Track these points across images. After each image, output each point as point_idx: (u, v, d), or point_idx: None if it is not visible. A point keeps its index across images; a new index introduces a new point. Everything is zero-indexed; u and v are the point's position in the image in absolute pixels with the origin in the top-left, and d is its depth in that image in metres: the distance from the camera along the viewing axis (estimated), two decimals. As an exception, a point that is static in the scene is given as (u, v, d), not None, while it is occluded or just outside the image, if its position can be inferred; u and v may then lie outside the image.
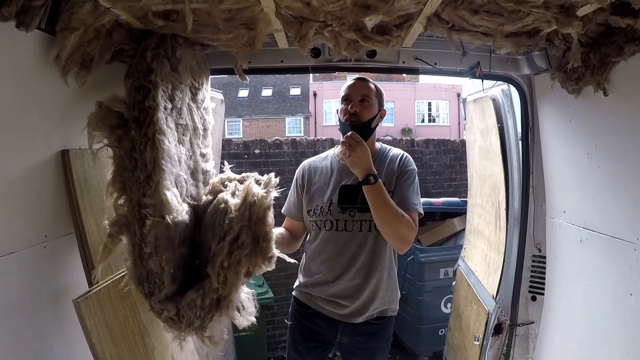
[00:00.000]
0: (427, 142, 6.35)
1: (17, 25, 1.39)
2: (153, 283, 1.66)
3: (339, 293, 2.20)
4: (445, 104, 32.54)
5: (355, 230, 2.17)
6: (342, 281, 2.19)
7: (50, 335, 1.68)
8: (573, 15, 1.63)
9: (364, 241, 2.18)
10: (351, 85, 2.26)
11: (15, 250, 1.50)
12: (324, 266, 2.21)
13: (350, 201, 2.17)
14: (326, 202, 2.21)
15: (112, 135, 1.68)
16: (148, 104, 1.68)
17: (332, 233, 2.19)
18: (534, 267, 2.86)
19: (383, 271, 2.21)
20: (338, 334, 2.26)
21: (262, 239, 1.72)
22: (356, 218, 2.16)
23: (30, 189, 1.59)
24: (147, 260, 1.63)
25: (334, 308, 2.22)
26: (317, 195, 2.25)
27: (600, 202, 2.15)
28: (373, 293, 2.20)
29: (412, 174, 2.26)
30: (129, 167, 1.67)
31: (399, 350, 5.29)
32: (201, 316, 1.67)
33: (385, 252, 2.21)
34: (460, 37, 1.97)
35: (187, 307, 1.65)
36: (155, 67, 1.74)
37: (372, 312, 2.22)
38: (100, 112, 1.66)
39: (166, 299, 1.66)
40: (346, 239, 2.18)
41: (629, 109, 1.90)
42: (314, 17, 1.76)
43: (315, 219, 2.22)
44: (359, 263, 2.18)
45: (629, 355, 1.94)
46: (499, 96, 2.97)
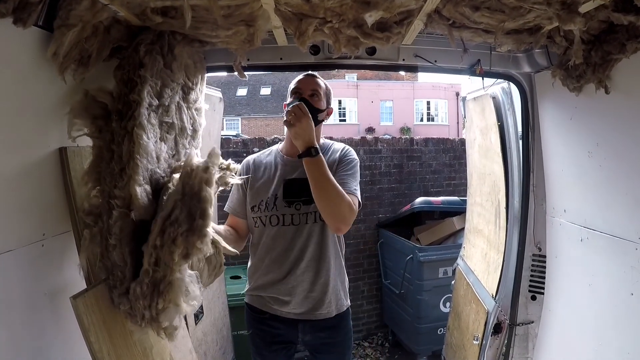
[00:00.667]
0: (426, 141, 6.35)
1: (14, 21, 1.37)
2: (116, 276, 1.64)
3: (291, 290, 2.19)
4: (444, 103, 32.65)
5: (302, 223, 2.16)
6: (293, 276, 2.18)
7: (48, 334, 1.67)
8: (575, 12, 1.62)
9: (310, 233, 2.17)
10: (301, 79, 2.28)
11: (12, 248, 1.48)
12: (274, 264, 2.20)
13: (295, 195, 2.17)
14: (271, 197, 2.20)
15: (93, 125, 1.68)
16: (132, 98, 1.67)
17: (280, 228, 2.18)
18: (534, 266, 2.85)
19: (331, 261, 2.21)
20: (299, 332, 2.25)
21: (199, 216, 1.62)
22: (302, 211, 2.16)
23: (28, 187, 1.58)
24: (111, 252, 1.61)
25: (286, 307, 2.21)
26: (261, 191, 2.23)
27: (601, 201, 2.14)
28: (325, 285, 2.20)
29: (351, 162, 2.24)
30: (106, 158, 1.66)
31: (397, 349, 5.30)
32: (147, 306, 1.59)
33: (331, 241, 2.21)
34: (461, 34, 1.96)
35: (133, 297, 1.60)
36: (146, 62, 1.73)
37: (328, 308, 2.22)
38: (85, 100, 1.65)
39: (125, 293, 1.63)
40: (293, 232, 2.17)
41: (630, 107, 1.89)
42: (314, 13, 1.74)
43: (260, 214, 2.21)
44: (308, 255, 2.17)
45: (629, 356, 1.93)
46: (499, 94, 2.97)
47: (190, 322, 2.88)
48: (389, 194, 5.89)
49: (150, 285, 1.59)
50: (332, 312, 2.24)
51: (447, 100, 32.43)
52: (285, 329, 2.26)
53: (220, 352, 3.59)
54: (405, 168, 6.05)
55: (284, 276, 2.19)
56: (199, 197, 1.64)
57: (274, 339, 2.28)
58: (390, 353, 5.32)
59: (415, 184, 6.12)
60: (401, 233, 5.20)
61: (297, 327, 2.24)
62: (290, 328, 2.25)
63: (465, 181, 4.19)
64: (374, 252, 5.62)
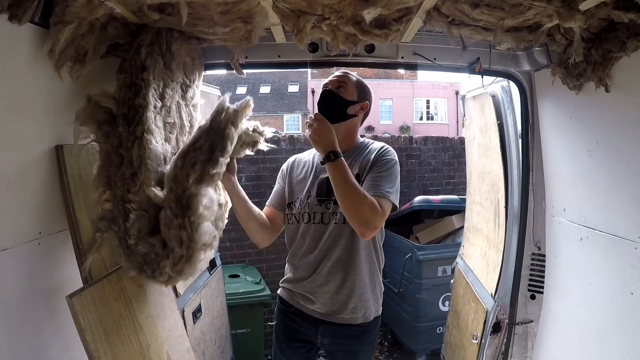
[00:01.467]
0: (426, 139, 6.34)
1: (9, 18, 1.37)
2: (151, 262, 1.71)
3: (315, 289, 2.16)
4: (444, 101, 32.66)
5: (331, 222, 2.12)
6: (318, 275, 2.15)
7: (45, 333, 1.66)
8: (575, 9, 1.62)
9: (339, 234, 2.12)
10: (331, 77, 2.23)
11: (9, 246, 1.47)
12: (303, 260, 2.19)
13: (327, 194, 2.13)
14: (305, 195, 2.19)
15: (100, 131, 1.69)
16: (138, 103, 1.69)
17: (310, 226, 2.16)
18: (533, 265, 2.84)
19: (360, 265, 2.14)
20: (319, 334, 2.21)
21: (218, 149, 1.76)
22: (332, 210, 2.12)
23: (24, 185, 1.57)
24: (135, 248, 1.69)
25: (311, 305, 2.18)
26: (297, 189, 2.24)
27: (601, 200, 2.14)
28: (351, 289, 2.13)
29: (388, 162, 2.15)
30: (115, 162, 1.70)
31: (396, 348, 5.29)
32: (181, 225, 1.69)
33: (363, 245, 2.13)
34: (460, 32, 1.95)
35: (165, 227, 1.70)
36: (148, 65, 1.74)
37: (352, 313, 2.15)
38: (89, 106, 1.66)
39: (166, 257, 1.72)
40: (322, 231, 2.14)
41: (630, 106, 1.88)
42: (312, 10, 1.74)
43: (295, 212, 2.21)
44: (334, 256, 2.12)
45: (629, 355, 1.93)
46: (499, 93, 2.96)
47: (189, 321, 2.87)
48: (388, 192, 5.87)
49: (175, 202, 1.69)
50: (356, 319, 2.17)
51: (446, 98, 32.44)
52: (307, 327, 2.22)
53: (218, 351, 3.58)
54: (404, 167, 6.04)
55: (310, 274, 2.16)
56: (223, 134, 1.79)
57: (294, 335, 2.26)
58: (389, 352, 5.32)
59: (414, 182, 6.12)
60: (400, 232, 5.19)
61: (318, 327, 2.20)
62: (310, 327, 2.21)
63: (464, 180, 4.18)
64: (373, 251, 5.59)
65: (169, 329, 2.22)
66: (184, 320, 2.72)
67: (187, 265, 1.72)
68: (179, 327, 2.40)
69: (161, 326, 2.09)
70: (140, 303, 1.92)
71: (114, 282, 1.77)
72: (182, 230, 1.68)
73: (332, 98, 2.14)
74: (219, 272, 3.85)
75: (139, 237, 1.68)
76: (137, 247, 1.69)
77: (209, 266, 3.58)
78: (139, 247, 1.69)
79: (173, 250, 1.69)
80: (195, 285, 3.17)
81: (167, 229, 1.69)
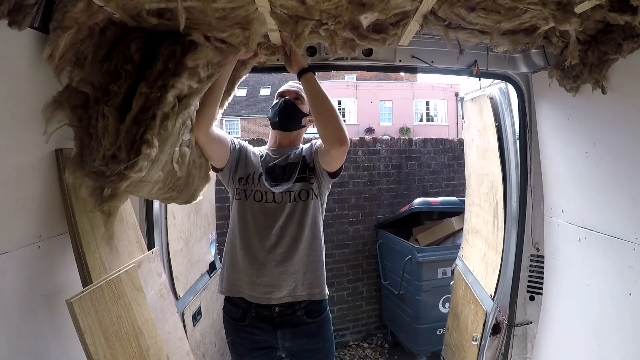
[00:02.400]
0: (425, 141, 6.34)
1: (9, 23, 1.37)
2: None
3: (271, 270, 2.21)
4: (444, 103, 32.66)
5: (284, 202, 2.23)
6: (273, 254, 2.21)
7: (45, 336, 1.66)
8: (571, 12, 1.62)
9: (290, 212, 2.24)
10: (286, 87, 2.47)
11: (9, 250, 1.48)
12: (255, 239, 2.23)
13: (275, 178, 2.28)
14: (256, 174, 2.28)
15: (74, 115, 1.67)
16: (113, 89, 1.68)
17: (262, 205, 2.24)
18: (532, 266, 2.85)
19: (306, 241, 2.25)
20: (278, 338, 2.25)
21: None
22: (283, 190, 2.23)
23: (24, 189, 1.58)
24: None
25: (264, 293, 2.21)
26: (249, 168, 2.31)
27: (599, 201, 2.15)
28: (300, 262, 2.23)
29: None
30: (87, 143, 1.67)
31: (396, 350, 5.29)
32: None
33: (308, 221, 2.25)
34: (457, 35, 1.96)
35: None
36: (136, 59, 1.73)
37: (302, 290, 2.23)
38: (67, 91, 1.65)
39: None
40: (274, 211, 2.23)
41: (627, 107, 1.89)
42: (309, 15, 1.74)
43: (246, 187, 2.26)
44: (287, 233, 2.22)
45: (627, 356, 1.93)
46: (497, 95, 2.97)
47: (188, 324, 2.88)
48: (387, 194, 5.88)
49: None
50: (307, 305, 2.26)
51: (446, 100, 32.44)
52: (263, 335, 2.26)
53: (218, 354, 3.58)
54: (404, 168, 6.05)
55: (267, 251, 2.22)
56: None
57: (254, 345, 2.29)
58: (389, 354, 5.32)
59: (414, 184, 6.12)
60: (400, 233, 5.19)
61: (276, 333, 2.24)
62: (268, 334, 2.25)
63: (464, 181, 4.19)
64: (373, 253, 5.61)
65: (169, 332, 2.23)
66: (184, 323, 2.73)
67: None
68: (179, 329, 2.40)
69: (161, 329, 2.09)
70: (139, 306, 1.93)
71: (114, 285, 1.78)
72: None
73: (292, 108, 2.36)
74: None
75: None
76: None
77: (209, 269, 3.59)
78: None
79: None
80: (195, 288, 3.18)
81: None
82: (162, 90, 1.69)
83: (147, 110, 1.68)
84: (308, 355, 2.31)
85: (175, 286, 2.75)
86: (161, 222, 2.66)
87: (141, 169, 1.65)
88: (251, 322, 2.24)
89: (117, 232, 2.00)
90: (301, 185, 2.26)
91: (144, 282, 2.02)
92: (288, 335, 2.24)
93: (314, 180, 2.28)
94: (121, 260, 1.97)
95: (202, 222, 3.56)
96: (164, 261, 2.65)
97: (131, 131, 1.65)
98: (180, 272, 2.88)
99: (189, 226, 3.16)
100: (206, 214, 3.70)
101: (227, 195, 2.33)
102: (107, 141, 1.63)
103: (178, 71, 1.72)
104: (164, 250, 2.68)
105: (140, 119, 1.67)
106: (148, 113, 1.67)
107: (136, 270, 1.98)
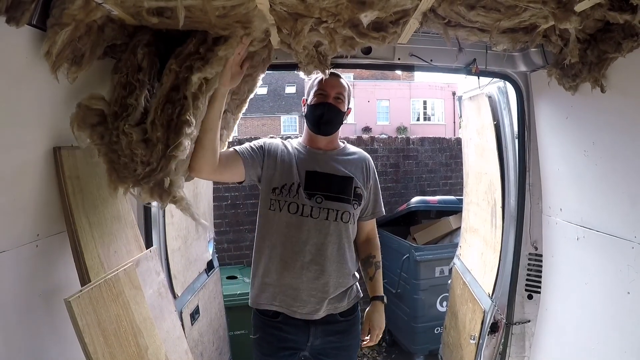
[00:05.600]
0: (423, 140, 6.36)
1: (7, 20, 1.36)
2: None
3: (302, 285, 2.16)
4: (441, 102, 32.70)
5: (322, 218, 2.16)
6: (304, 271, 2.16)
7: (43, 335, 1.66)
8: (571, 11, 1.62)
9: (327, 230, 2.17)
10: (327, 81, 2.23)
11: (6, 249, 1.47)
12: (289, 252, 2.17)
13: (316, 187, 2.18)
14: (295, 184, 2.18)
15: (94, 134, 1.69)
16: (129, 102, 1.70)
17: (297, 218, 2.16)
18: (530, 265, 2.85)
19: (335, 256, 2.20)
20: (310, 336, 2.22)
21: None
22: (322, 205, 2.16)
23: (22, 187, 1.57)
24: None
25: (299, 307, 2.18)
26: (284, 175, 2.20)
27: (598, 199, 2.15)
28: (332, 285, 2.20)
29: (377, 179, 2.40)
30: (115, 159, 1.71)
31: (394, 349, 5.29)
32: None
33: (345, 244, 2.22)
34: (456, 33, 1.95)
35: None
36: (144, 66, 1.73)
37: (335, 304, 2.22)
38: (80, 112, 1.65)
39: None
40: (310, 225, 2.15)
41: (626, 106, 1.89)
42: (309, 13, 1.73)
43: (280, 198, 2.17)
44: (318, 248, 2.16)
45: (625, 354, 1.93)
46: (495, 93, 2.97)
47: (187, 323, 2.87)
48: (385, 193, 5.87)
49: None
50: (344, 312, 2.28)
51: (443, 99, 32.47)
52: (296, 333, 2.23)
53: (216, 352, 3.58)
54: (401, 167, 6.06)
55: (295, 270, 2.16)
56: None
57: (282, 344, 2.24)
58: (387, 352, 5.32)
59: (411, 183, 6.13)
60: (397, 232, 5.19)
61: (309, 331, 2.22)
62: (301, 332, 2.23)
63: (461, 180, 4.19)
64: (371, 252, 5.59)
65: (167, 331, 2.22)
66: (182, 321, 2.72)
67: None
68: (177, 328, 2.40)
69: (159, 328, 2.08)
70: (138, 305, 1.92)
71: (112, 284, 1.77)
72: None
73: (333, 111, 2.21)
74: (217, 274, 3.86)
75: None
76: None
77: (207, 268, 3.59)
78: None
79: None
80: (193, 286, 3.17)
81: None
82: (189, 72, 1.72)
83: (178, 89, 1.73)
84: (336, 353, 2.28)
85: (173, 285, 2.74)
86: (159, 221, 2.65)
87: (185, 148, 1.74)
88: (285, 318, 2.20)
89: (115, 231, 1.99)
90: (342, 206, 2.19)
91: (142, 281, 2.01)
92: (319, 333, 2.22)
93: (357, 207, 2.24)
94: (119, 259, 1.96)
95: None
96: (162, 260, 2.64)
97: (166, 110, 1.71)
98: (178, 270, 2.88)
99: (187, 225, 3.15)
100: (204, 213, 3.70)
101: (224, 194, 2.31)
102: (140, 152, 1.70)
103: (208, 57, 1.74)
104: (162, 249, 2.67)
105: (173, 98, 1.73)
106: (179, 92, 1.72)
107: (134, 269, 1.97)
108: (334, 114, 2.21)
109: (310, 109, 2.24)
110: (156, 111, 1.71)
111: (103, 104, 1.71)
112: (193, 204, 1.93)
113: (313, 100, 2.24)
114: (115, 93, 1.72)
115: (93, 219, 1.81)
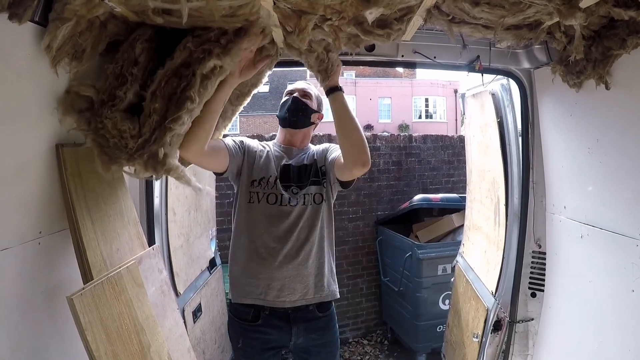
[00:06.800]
0: (425, 137, 6.34)
1: (9, 17, 1.35)
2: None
3: (286, 273, 2.24)
4: (443, 99, 32.64)
5: (299, 204, 2.27)
6: (285, 257, 2.24)
7: (45, 333, 1.65)
8: (576, 7, 1.61)
9: (304, 214, 2.28)
10: (295, 85, 2.45)
11: (9, 246, 1.47)
12: (268, 241, 2.25)
13: (290, 179, 2.30)
14: (272, 177, 2.29)
15: (81, 119, 1.70)
16: (118, 94, 1.71)
17: (277, 208, 2.25)
18: (534, 263, 2.85)
19: (317, 244, 2.32)
20: (292, 335, 2.28)
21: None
22: (298, 194, 2.28)
23: (24, 184, 1.56)
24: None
25: (277, 297, 2.24)
26: (263, 169, 2.30)
27: (602, 197, 2.14)
28: (312, 265, 2.30)
29: (329, 145, 2.44)
30: (104, 143, 1.72)
31: (396, 346, 5.29)
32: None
33: (319, 225, 2.32)
34: (461, 30, 1.95)
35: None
36: (141, 61, 1.73)
37: (314, 293, 2.29)
38: (68, 97, 1.66)
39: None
40: (289, 213, 2.26)
41: (631, 103, 1.88)
42: (313, 10, 1.72)
43: (259, 190, 2.27)
44: (300, 236, 2.27)
45: (630, 353, 1.93)
46: (499, 91, 2.96)
47: (189, 321, 2.87)
48: (387, 191, 5.88)
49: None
50: (319, 305, 2.32)
51: (445, 97, 32.42)
52: (277, 334, 2.28)
53: (218, 350, 3.58)
54: (403, 165, 6.04)
55: (279, 253, 2.24)
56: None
57: (266, 346, 2.29)
58: (389, 350, 5.32)
59: (413, 181, 6.12)
60: (400, 230, 5.19)
61: (291, 330, 2.28)
62: (283, 333, 2.29)
63: (464, 178, 4.18)
64: (373, 250, 5.61)
65: (170, 329, 2.22)
66: (184, 319, 2.72)
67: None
68: (179, 326, 2.39)
69: (162, 326, 2.08)
70: (140, 302, 1.91)
71: (115, 281, 1.76)
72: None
73: (300, 104, 2.36)
74: (219, 271, 3.86)
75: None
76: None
77: (209, 265, 3.59)
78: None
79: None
80: (196, 284, 3.17)
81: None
82: (205, 54, 1.73)
83: (188, 66, 1.73)
84: (318, 350, 2.35)
85: (175, 283, 2.74)
86: (162, 218, 2.65)
87: (183, 123, 1.74)
88: (265, 321, 2.26)
89: (118, 228, 1.99)
90: (315, 189, 2.30)
91: (144, 279, 2.01)
92: (302, 332, 2.28)
93: (327, 184, 2.33)
94: (122, 257, 1.96)
95: (203, 218, 3.55)
96: (165, 257, 2.64)
97: (171, 83, 1.72)
98: (180, 268, 2.88)
99: (189, 222, 3.15)
100: (206, 210, 3.70)
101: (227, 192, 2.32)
102: (127, 126, 1.71)
103: (229, 48, 1.76)
104: (164, 247, 2.68)
105: (182, 73, 1.73)
106: (189, 69, 1.73)
107: (137, 267, 1.97)
108: (300, 105, 2.35)
109: (280, 106, 2.41)
110: (160, 83, 1.71)
111: (92, 91, 1.72)
112: (189, 172, 1.94)
113: (283, 99, 2.42)
114: (107, 82, 1.72)
115: (95, 217, 1.81)
